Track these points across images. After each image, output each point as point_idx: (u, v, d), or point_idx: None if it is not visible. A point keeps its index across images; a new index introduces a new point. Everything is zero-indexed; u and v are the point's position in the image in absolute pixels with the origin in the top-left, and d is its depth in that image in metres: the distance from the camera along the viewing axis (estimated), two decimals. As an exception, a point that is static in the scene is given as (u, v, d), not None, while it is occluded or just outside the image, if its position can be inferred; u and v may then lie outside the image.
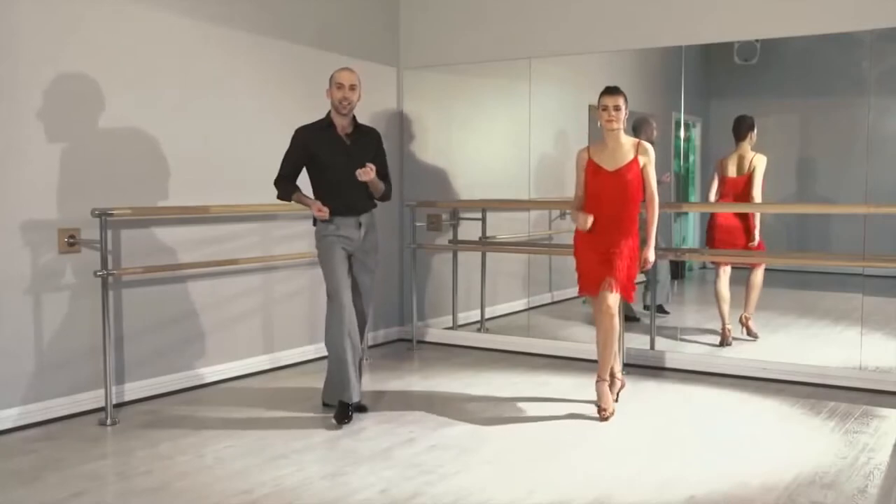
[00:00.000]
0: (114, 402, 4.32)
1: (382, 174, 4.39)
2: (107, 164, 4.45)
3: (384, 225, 4.63)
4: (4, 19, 4.01)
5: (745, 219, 5.75)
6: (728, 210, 5.91)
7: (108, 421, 4.19)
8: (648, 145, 4.36)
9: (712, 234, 5.90)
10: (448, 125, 6.67)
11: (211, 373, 5.02)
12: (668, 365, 5.38)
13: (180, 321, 4.85)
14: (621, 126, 4.29)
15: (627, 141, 4.35)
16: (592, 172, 4.35)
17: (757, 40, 5.63)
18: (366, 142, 4.37)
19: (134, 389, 4.60)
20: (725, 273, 5.86)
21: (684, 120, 5.90)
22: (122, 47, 4.50)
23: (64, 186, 4.26)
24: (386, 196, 4.47)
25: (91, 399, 4.36)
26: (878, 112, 5.46)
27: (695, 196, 6.54)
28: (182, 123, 4.81)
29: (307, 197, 4.33)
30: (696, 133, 6.73)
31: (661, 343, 5.54)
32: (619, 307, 4.33)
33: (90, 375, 4.36)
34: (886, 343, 5.55)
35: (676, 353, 5.44)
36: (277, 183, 4.36)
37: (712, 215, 5.91)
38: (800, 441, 3.95)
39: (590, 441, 3.98)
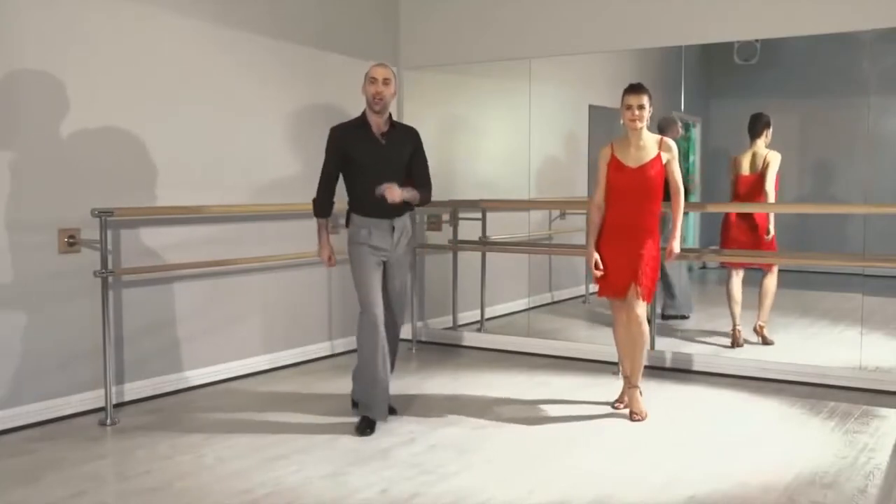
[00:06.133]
0: (114, 402, 4.32)
1: (421, 180, 4.20)
2: (107, 164, 4.44)
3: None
4: (4, 19, 4.01)
5: (757, 216, 5.73)
6: (729, 210, 5.90)
7: (108, 421, 4.19)
8: (671, 142, 4.33)
9: (726, 233, 5.86)
10: (448, 125, 6.67)
11: (211, 373, 5.02)
12: (668, 365, 5.39)
13: (180, 321, 4.85)
14: (645, 125, 4.24)
15: (651, 138, 4.31)
16: (615, 169, 4.30)
17: (757, 40, 5.64)
18: (403, 141, 4.18)
19: (134, 389, 4.60)
20: (738, 274, 5.85)
21: (684, 120, 5.91)
22: (122, 47, 4.50)
23: (64, 186, 4.26)
24: (425, 201, 4.24)
25: (91, 399, 4.37)
26: (878, 112, 5.47)
27: (695, 196, 6.53)
28: (182, 123, 4.81)
29: (323, 235, 4.26)
30: (696, 133, 6.74)
31: (662, 343, 5.54)
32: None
33: (90, 375, 4.36)
34: (886, 343, 5.56)
35: (676, 353, 5.43)
36: (316, 197, 4.24)
37: (726, 214, 5.88)
38: (800, 441, 3.95)
39: (590, 441, 3.98)
